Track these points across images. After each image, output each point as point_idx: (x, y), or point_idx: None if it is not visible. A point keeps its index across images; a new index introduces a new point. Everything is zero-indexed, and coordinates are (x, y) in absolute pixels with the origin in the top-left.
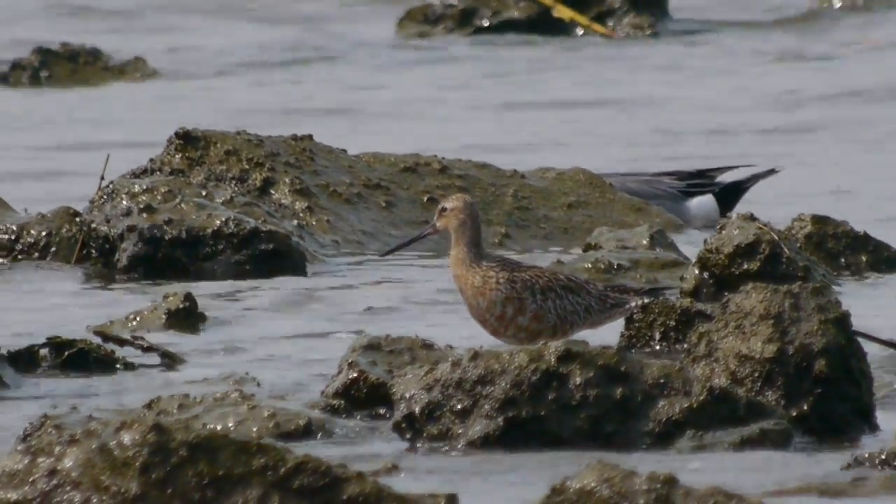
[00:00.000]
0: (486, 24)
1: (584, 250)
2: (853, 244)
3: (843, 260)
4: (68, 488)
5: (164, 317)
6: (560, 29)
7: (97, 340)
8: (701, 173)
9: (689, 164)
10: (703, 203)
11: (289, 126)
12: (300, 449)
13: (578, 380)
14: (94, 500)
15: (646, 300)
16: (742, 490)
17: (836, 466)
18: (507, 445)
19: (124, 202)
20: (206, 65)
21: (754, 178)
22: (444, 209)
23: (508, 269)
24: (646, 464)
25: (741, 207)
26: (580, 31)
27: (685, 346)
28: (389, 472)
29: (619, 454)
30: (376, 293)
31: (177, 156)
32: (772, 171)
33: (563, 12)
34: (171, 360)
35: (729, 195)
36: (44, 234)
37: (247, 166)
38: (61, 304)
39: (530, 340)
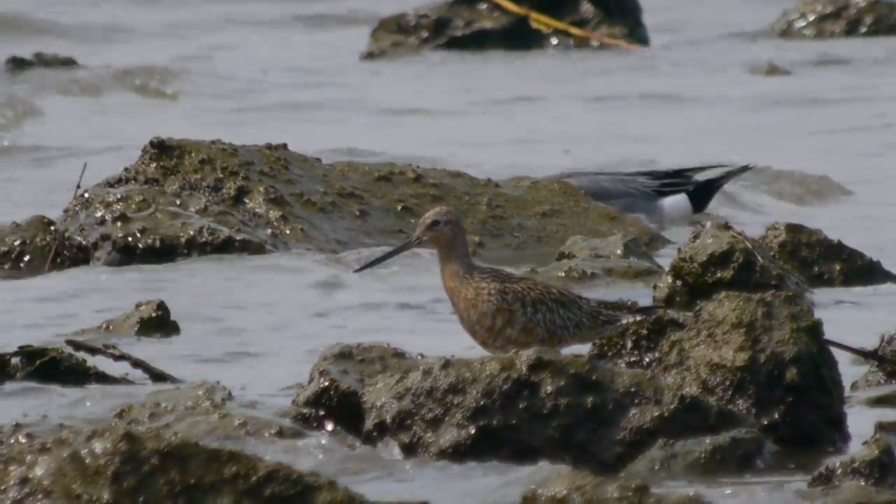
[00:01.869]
0: (459, 34)
1: (558, 259)
2: (827, 253)
3: (816, 268)
4: (40, 497)
5: (136, 325)
6: (534, 39)
7: (69, 349)
8: (677, 173)
9: (669, 165)
10: (676, 202)
11: (266, 135)
12: (271, 457)
13: (549, 388)
14: None
15: (638, 318)
16: (712, 499)
17: (808, 476)
18: (479, 454)
19: (99, 211)
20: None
21: (727, 176)
22: (436, 223)
23: (500, 280)
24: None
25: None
26: (554, 41)
27: (657, 354)
28: (360, 481)
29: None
30: (349, 301)
31: (151, 165)
32: (745, 168)
33: (540, 22)
34: (142, 369)
35: (702, 193)
36: (17, 243)
37: (221, 175)
38: (33, 312)
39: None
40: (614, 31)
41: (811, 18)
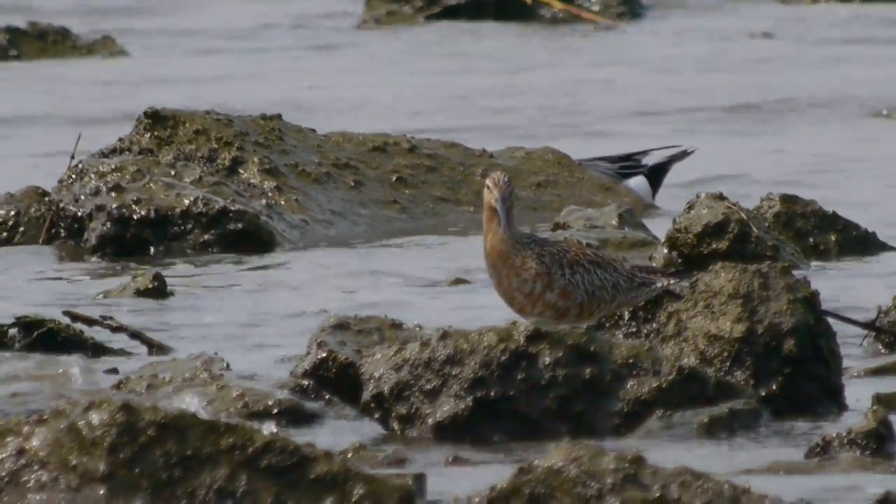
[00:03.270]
0: (453, 2)
1: (553, 229)
2: (822, 223)
3: (811, 239)
4: (36, 468)
5: (133, 296)
6: (529, 8)
7: (66, 320)
8: (629, 156)
9: (648, 144)
10: (638, 184)
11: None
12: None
13: (547, 360)
14: (62, 480)
15: (672, 281)
16: (710, 469)
17: (805, 447)
18: (476, 425)
19: (93, 181)
20: (175, 45)
21: (673, 160)
22: (513, 189)
23: (539, 245)
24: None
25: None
26: (548, 12)
27: (654, 325)
28: (357, 452)
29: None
30: (344, 272)
31: (146, 135)
32: (686, 153)
33: None
34: (140, 340)
35: (656, 176)
36: (12, 213)
37: (216, 146)
38: (30, 283)
39: (557, 318)
40: (610, 1)
41: None
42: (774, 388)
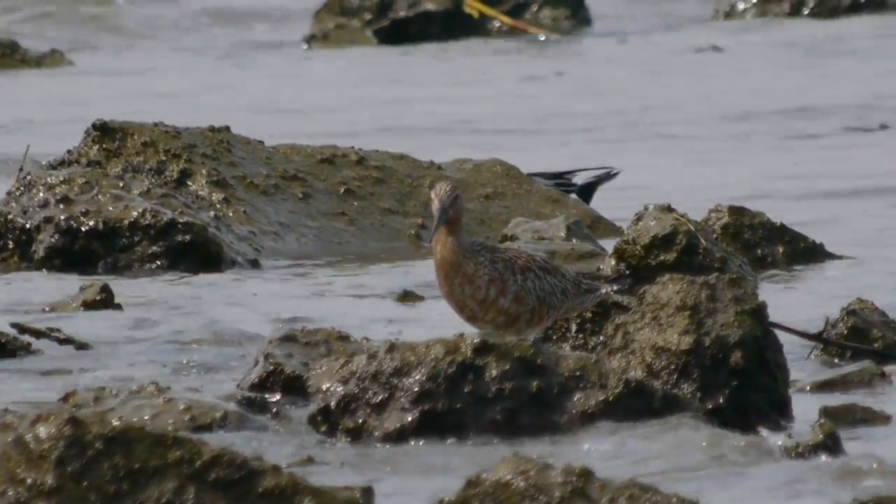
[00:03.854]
0: (402, 15)
1: (501, 241)
2: (770, 235)
3: (759, 251)
4: None
5: (80, 308)
6: (476, 21)
7: (13, 332)
8: (560, 174)
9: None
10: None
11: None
12: (216, 441)
13: (494, 372)
14: (10, 493)
15: (615, 287)
16: (650, 474)
17: (752, 459)
18: (423, 438)
19: (41, 193)
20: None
21: (600, 180)
22: (458, 196)
23: (490, 252)
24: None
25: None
26: (496, 24)
27: (601, 338)
28: (305, 465)
29: (534, 445)
30: (291, 285)
31: (94, 147)
32: (611, 174)
33: (472, 7)
34: (87, 352)
35: (585, 195)
36: None
37: (164, 158)
38: None
39: (508, 325)
40: (557, 14)
41: (754, 1)
42: (721, 400)
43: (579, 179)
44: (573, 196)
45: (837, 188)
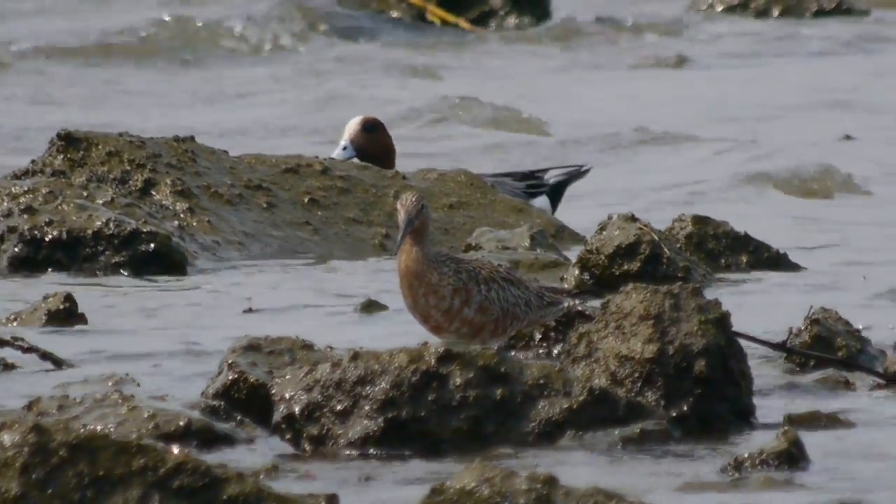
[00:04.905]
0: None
1: (465, 251)
2: (733, 244)
3: (723, 260)
4: None
5: (44, 318)
6: (441, 29)
7: None
8: (531, 174)
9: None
10: (543, 203)
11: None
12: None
13: (458, 380)
14: None
15: (577, 301)
16: (621, 490)
17: (717, 467)
18: (388, 446)
19: (5, 203)
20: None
21: (571, 178)
22: (423, 206)
23: (455, 262)
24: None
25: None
26: (464, 31)
27: (565, 346)
28: (269, 473)
29: (500, 453)
30: (256, 294)
31: (58, 157)
32: (582, 171)
33: (434, 14)
34: (51, 361)
35: (555, 195)
36: None
37: (128, 167)
38: None
39: (472, 336)
40: (521, 21)
41: (719, 9)
42: (685, 408)
43: (551, 178)
44: (541, 199)
45: None
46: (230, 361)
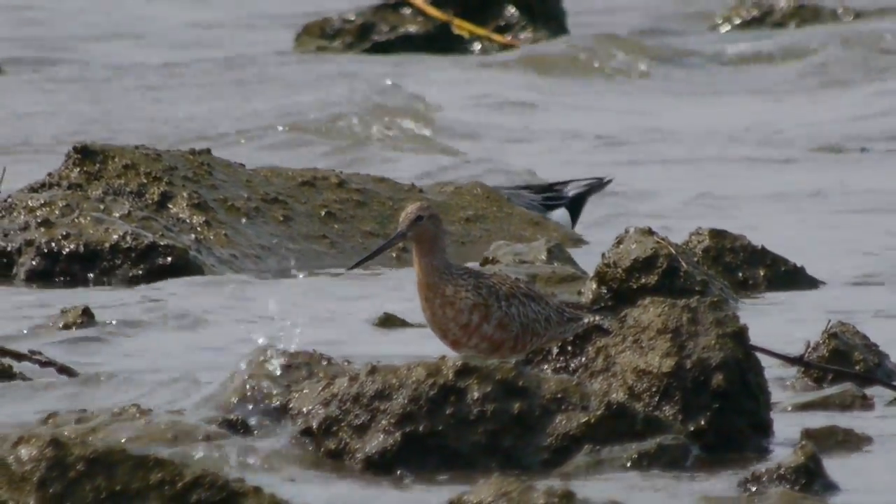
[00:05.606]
0: (384, 38)
1: (482, 264)
2: (751, 258)
3: (740, 274)
4: None
5: (62, 331)
6: (457, 44)
7: None
8: (550, 187)
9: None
10: (561, 215)
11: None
12: (198, 463)
13: (476, 394)
14: None
15: (598, 318)
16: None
17: (734, 482)
18: (405, 460)
19: (22, 216)
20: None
21: (592, 190)
22: (419, 218)
23: (474, 277)
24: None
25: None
26: (478, 47)
27: (583, 360)
28: (287, 486)
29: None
30: (272, 307)
31: (75, 170)
32: (604, 182)
33: (462, 27)
34: (68, 375)
35: (575, 207)
36: None
37: (145, 180)
38: None
39: (491, 352)
40: (539, 35)
41: (737, 22)
42: (703, 423)
43: (571, 190)
44: (560, 212)
45: None
46: (247, 375)
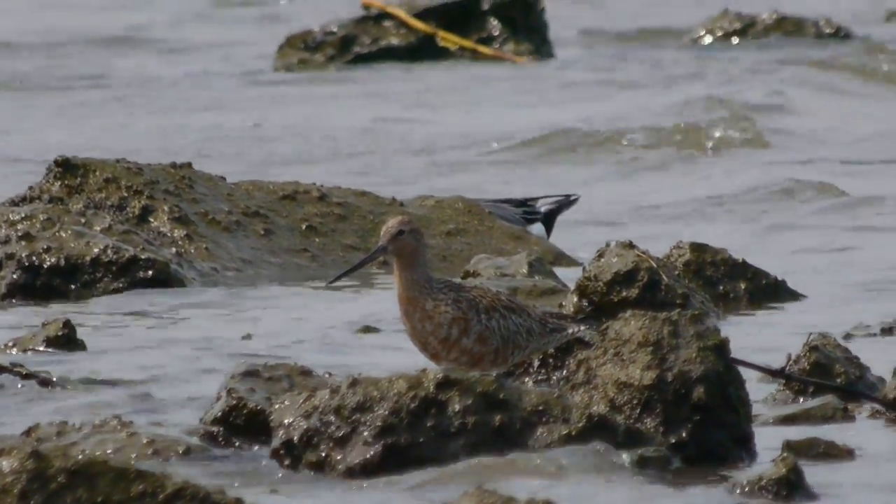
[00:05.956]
0: (365, 51)
1: (463, 278)
2: (731, 272)
3: (721, 287)
4: None
5: (43, 344)
6: (439, 56)
7: None
8: (525, 202)
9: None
10: (539, 230)
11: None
12: (179, 475)
13: (457, 407)
14: None
15: (582, 327)
16: None
17: (716, 494)
18: (386, 472)
19: (3, 230)
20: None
21: (562, 206)
22: (401, 232)
23: (455, 291)
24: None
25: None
26: (461, 59)
27: (564, 373)
28: (268, 498)
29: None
30: (253, 320)
31: (56, 184)
32: (572, 200)
33: (447, 40)
34: (50, 387)
35: (548, 222)
36: None
37: (126, 194)
38: None
39: (471, 365)
40: (521, 49)
41: (718, 34)
42: (684, 435)
43: (542, 206)
44: (537, 226)
45: None
46: (229, 387)
